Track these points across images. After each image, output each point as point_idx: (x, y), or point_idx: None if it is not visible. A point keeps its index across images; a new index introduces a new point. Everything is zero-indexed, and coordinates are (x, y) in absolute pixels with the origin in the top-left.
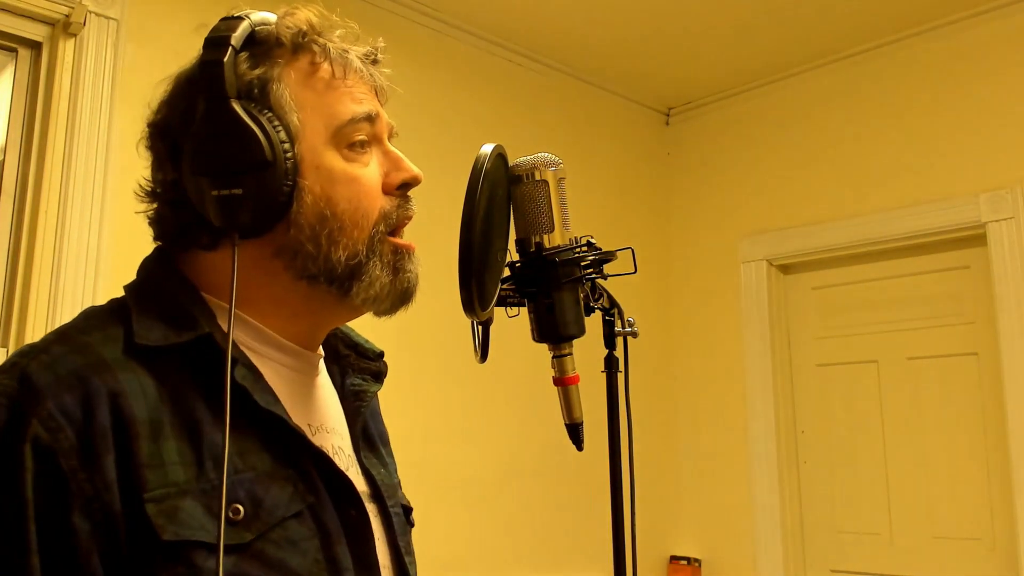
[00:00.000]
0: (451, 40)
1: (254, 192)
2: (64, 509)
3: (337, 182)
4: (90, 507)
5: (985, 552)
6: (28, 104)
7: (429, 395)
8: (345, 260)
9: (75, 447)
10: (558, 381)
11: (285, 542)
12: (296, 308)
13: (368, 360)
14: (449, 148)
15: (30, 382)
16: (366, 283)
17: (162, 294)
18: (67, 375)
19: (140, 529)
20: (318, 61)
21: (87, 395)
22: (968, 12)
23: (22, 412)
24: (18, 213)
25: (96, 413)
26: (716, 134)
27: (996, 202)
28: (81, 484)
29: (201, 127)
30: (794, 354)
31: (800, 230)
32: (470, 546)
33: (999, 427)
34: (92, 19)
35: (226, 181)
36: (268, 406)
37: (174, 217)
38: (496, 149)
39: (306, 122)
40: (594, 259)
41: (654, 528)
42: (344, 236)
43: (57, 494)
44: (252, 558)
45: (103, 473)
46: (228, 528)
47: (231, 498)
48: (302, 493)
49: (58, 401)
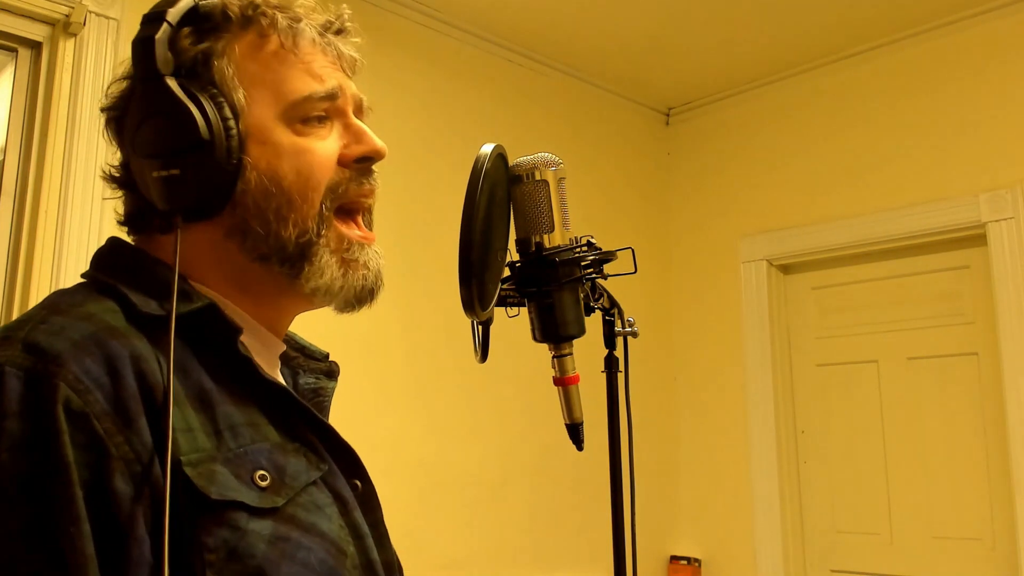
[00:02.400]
0: (451, 40)
1: (194, 172)
2: (105, 473)
3: (284, 155)
4: (131, 470)
5: (985, 552)
6: (28, 104)
7: (429, 395)
8: (295, 238)
9: (107, 410)
10: (558, 381)
11: (312, 506)
12: (256, 290)
13: (316, 361)
14: (449, 148)
15: (41, 349)
16: (316, 269)
17: (141, 271)
18: (82, 340)
19: (181, 493)
20: (267, 33)
21: (109, 358)
22: (968, 12)
23: (44, 379)
24: (18, 213)
25: (123, 375)
26: (716, 134)
27: (996, 202)
28: (119, 446)
29: (137, 107)
30: (794, 354)
31: (800, 230)
32: (470, 546)
33: (999, 427)
34: (92, 19)
35: (165, 162)
36: (272, 378)
37: (130, 201)
38: (496, 149)
39: (253, 97)
40: (594, 259)
41: (654, 528)
42: (293, 211)
43: (96, 458)
44: (287, 521)
45: (140, 435)
46: (259, 493)
47: (255, 465)
48: (315, 463)
49: (81, 365)
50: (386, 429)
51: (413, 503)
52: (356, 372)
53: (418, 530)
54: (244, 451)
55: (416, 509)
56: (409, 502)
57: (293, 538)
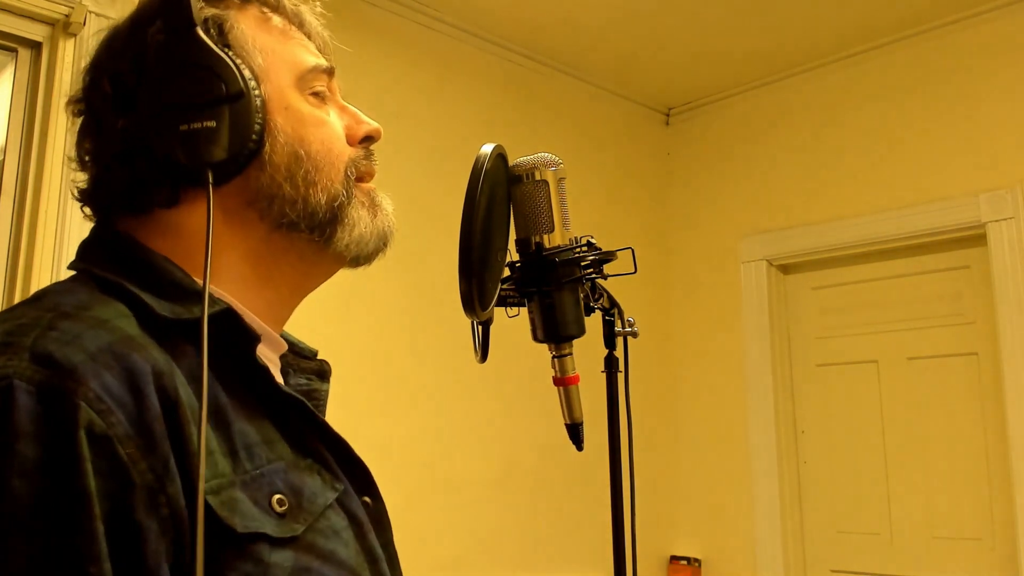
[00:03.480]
0: (451, 40)
1: (227, 125)
2: (128, 504)
3: (307, 123)
4: (155, 501)
5: (985, 552)
6: (28, 104)
7: (429, 395)
8: (326, 202)
9: (130, 434)
10: (558, 381)
11: (331, 532)
12: (272, 266)
13: (306, 359)
14: (449, 148)
15: (56, 362)
16: (349, 225)
17: (151, 269)
18: (99, 352)
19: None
20: (268, 12)
21: (130, 374)
22: (968, 12)
23: (61, 397)
24: (18, 213)
25: (145, 394)
26: (716, 134)
27: (996, 202)
28: (143, 474)
29: (163, 59)
30: (794, 354)
31: (800, 230)
32: (470, 546)
33: (999, 427)
34: (92, 19)
35: (196, 114)
36: (289, 391)
37: (123, 174)
38: (496, 149)
39: (269, 65)
40: (594, 259)
41: (654, 528)
42: (321, 176)
43: (119, 487)
44: (307, 551)
45: (164, 462)
46: (278, 521)
47: (272, 489)
48: (330, 482)
49: (100, 381)
50: (386, 429)
51: (413, 503)
52: (356, 372)
53: (418, 530)
54: (260, 473)
55: (416, 509)
56: (409, 502)
57: (314, 568)
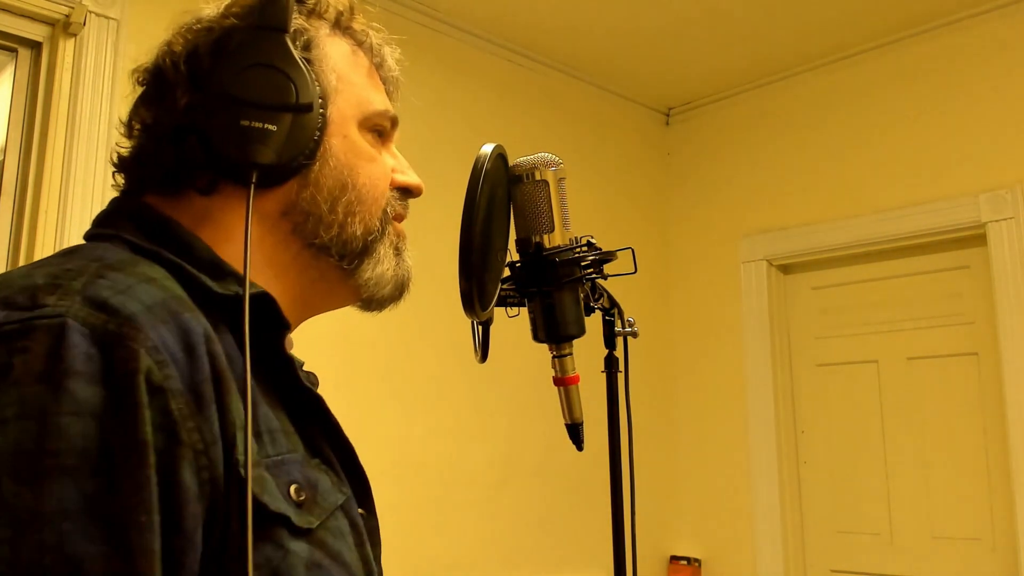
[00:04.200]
0: (450, 39)
1: (285, 133)
2: (174, 461)
3: (361, 156)
4: (198, 463)
5: (985, 552)
6: (28, 104)
7: (429, 395)
8: (362, 235)
9: (182, 390)
10: (558, 381)
11: (338, 532)
12: (293, 280)
13: None
14: (449, 148)
15: (112, 307)
16: (374, 260)
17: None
18: (155, 305)
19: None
20: (357, 48)
21: (184, 332)
22: (968, 12)
23: (121, 342)
24: (18, 213)
25: (198, 354)
26: (716, 134)
27: (996, 202)
28: (190, 433)
29: (245, 53)
30: (794, 354)
31: (800, 230)
32: (470, 546)
33: (999, 427)
34: (92, 19)
35: (259, 114)
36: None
37: (172, 151)
38: (496, 149)
39: (341, 91)
40: (594, 259)
41: (654, 528)
42: (362, 209)
43: (168, 443)
44: (319, 546)
45: (211, 424)
46: (297, 510)
47: (290, 478)
48: (337, 485)
49: (158, 334)
50: (386, 430)
51: (414, 504)
52: (356, 373)
53: (418, 530)
54: (282, 459)
55: (416, 509)
56: (410, 503)
57: (325, 566)
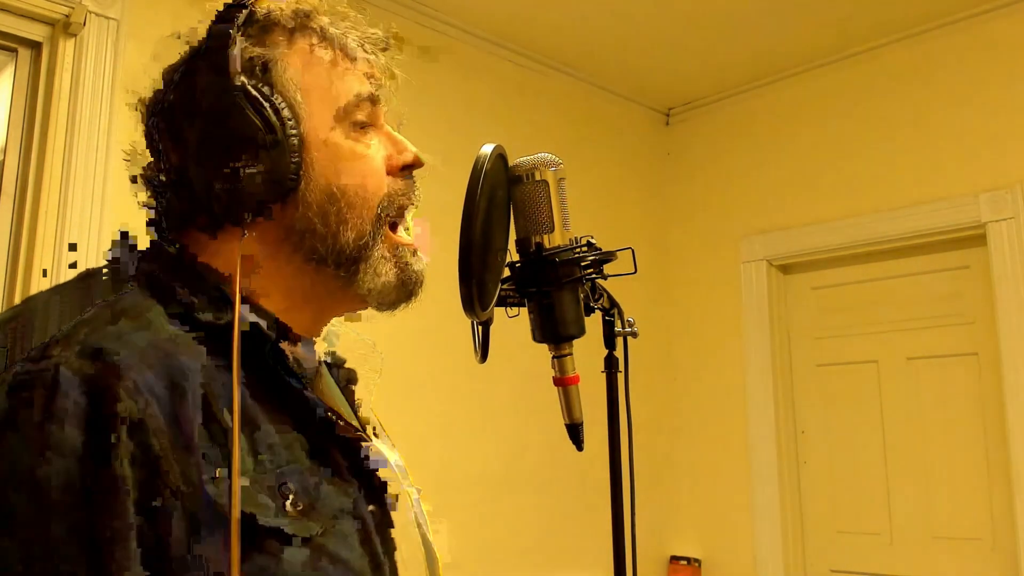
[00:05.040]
0: (451, 40)
1: (263, 170)
2: (155, 492)
3: (343, 158)
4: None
5: (985, 552)
6: (28, 104)
7: (429, 395)
8: (353, 241)
9: (163, 427)
10: (558, 381)
11: (341, 535)
12: (304, 295)
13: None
14: (449, 148)
15: (101, 354)
16: (372, 272)
17: (190, 278)
18: (144, 349)
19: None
20: (317, 44)
21: (170, 371)
22: (968, 12)
23: (103, 387)
24: (18, 213)
25: (183, 390)
26: (716, 134)
27: (996, 202)
28: (172, 465)
29: (207, 105)
30: (794, 354)
31: (800, 230)
32: (470, 546)
33: (999, 427)
34: (92, 19)
35: (234, 159)
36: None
37: (176, 202)
38: (496, 149)
39: (310, 101)
40: (594, 259)
41: (654, 528)
42: (352, 214)
43: (148, 476)
44: (317, 552)
45: (193, 453)
46: (292, 520)
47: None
48: (343, 488)
49: (142, 376)
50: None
51: None
52: None
53: None
54: (280, 473)
55: None
56: None
57: (324, 569)
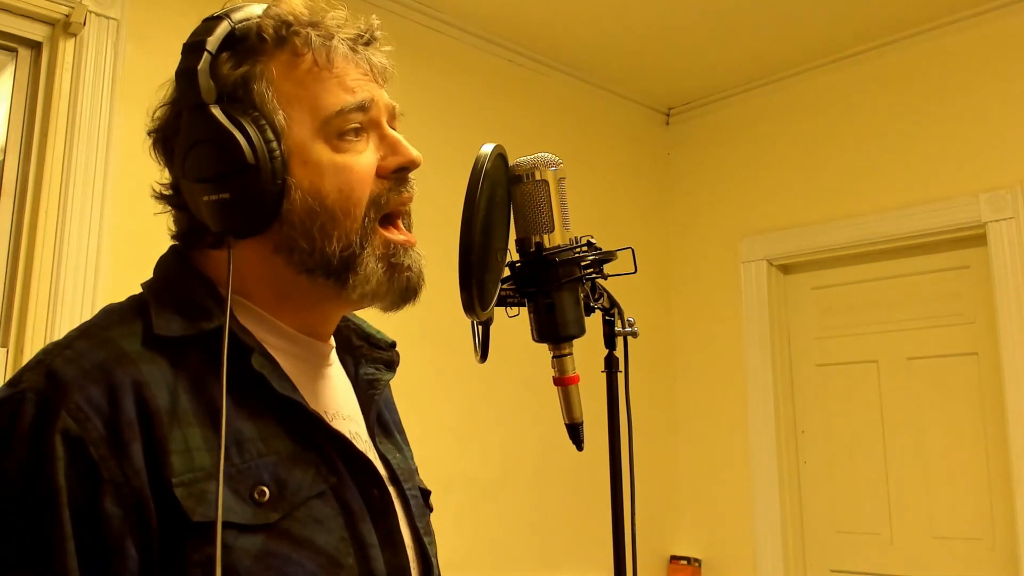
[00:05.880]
0: (451, 39)
1: (242, 195)
2: (95, 495)
3: (325, 174)
4: (120, 492)
5: (985, 552)
6: (28, 104)
7: (429, 395)
8: (340, 252)
9: (103, 436)
10: (558, 381)
11: (311, 520)
12: (301, 301)
13: (380, 350)
14: (449, 148)
15: (56, 377)
16: (362, 277)
17: (179, 288)
18: (92, 368)
19: (170, 512)
20: (301, 52)
21: (112, 387)
22: (968, 12)
23: (50, 406)
24: (18, 213)
25: (122, 403)
26: (716, 134)
27: (996, 202)
28: (111, 471)
29: (185, 135)
30: (794, 354)
31: (800, 230)
32: (470, 546)
33: (999, 427)
34: (92, 19)
35: (215, 186)
36: (286, 392)
37: (180, 218)
38: (496, 149)
39: (292, 117)
40: (594, 259)
41: (654, 528)
42: (336, 228)
43: (88, 481)
44: (280, 537)
45: (131, 460)
46: (255, 509)
47: (256, 480)
48: (324, 475)
49: (84, 393)
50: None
51: None
52: None
53: None
54: (248, 466)
55: None
56: None
57: (283, 554)
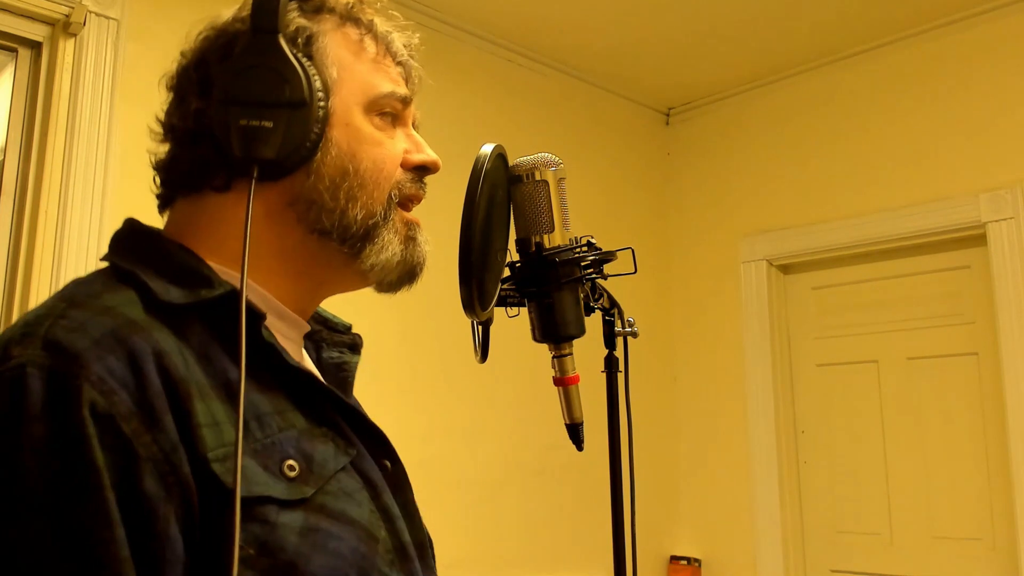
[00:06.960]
0: (451, 40)
1: (283, 128)
2: (134, 475)
3: (364, 142)
4: (160, 470)
5: (985, 552)
6: (28, 104)
7: (429, 395)
8: (362, 219)
9: (133, 410)
10: (558, 381)
11: (342, 494)
12: (302, 265)
13: (339, 333)
14: (449, 148)
15: (62, 347)
16: (378, 247)
17: (163, 257)
18: (103, 337)
19: (209, 490)
20: (364, 35)
21: (132, 355)
22: (968, 12)
23: (66, 379)
24: (18, 213)
25: (146, 373)
26: (716, 134)
27: (996, 202)
28: (148, 447)
29: (242, 56)
30: (794, 354)
31: (800, 230)
32: (470, 546)
33: (999, 427)
34: (92, 19)
35: (257, 112)
36: (298, 364)
37: (190, 152)
38: (496, 149)
39: (344, 81)
40: (594, 259)
41: (654, 528)
42: (364, 194)
43: (125, 460)
44: (318, 511)
45: (167, 434)
46: (288, 484)
47: (283, 455)
48: (343, 447)
49: (104, 363)
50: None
51: None
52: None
53: None
54: (272, 441)
55: None
56: None
57: (324, 528)
